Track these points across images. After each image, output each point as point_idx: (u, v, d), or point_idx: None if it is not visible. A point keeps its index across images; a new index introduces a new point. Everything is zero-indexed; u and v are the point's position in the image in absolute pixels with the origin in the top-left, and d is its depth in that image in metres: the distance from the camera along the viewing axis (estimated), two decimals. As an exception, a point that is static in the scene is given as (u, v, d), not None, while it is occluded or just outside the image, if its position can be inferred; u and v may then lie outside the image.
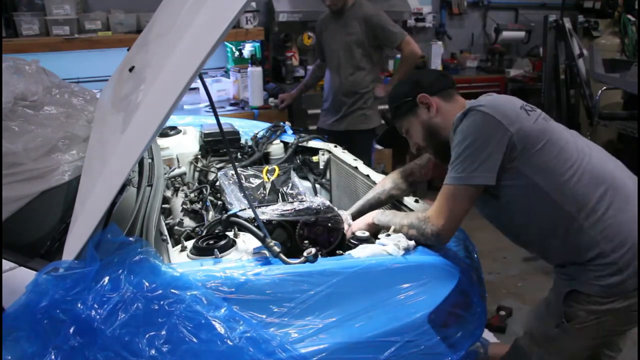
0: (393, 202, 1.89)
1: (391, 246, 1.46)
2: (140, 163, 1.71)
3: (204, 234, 1.60)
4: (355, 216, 1.84)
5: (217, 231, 1.61)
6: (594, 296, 1.47)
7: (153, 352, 1.06)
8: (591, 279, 1.47)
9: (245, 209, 1.62)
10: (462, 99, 1.64)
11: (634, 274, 1.43)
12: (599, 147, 1.60)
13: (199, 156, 2.35)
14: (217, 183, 2.09)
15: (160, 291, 1.14)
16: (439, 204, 1.47)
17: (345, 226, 1.69)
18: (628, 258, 1.43)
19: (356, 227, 1.68)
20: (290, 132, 2.58)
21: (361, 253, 1.44)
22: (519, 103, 1.51)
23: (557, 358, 1.60)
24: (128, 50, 1.95)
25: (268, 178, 2.05)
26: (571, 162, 1.46)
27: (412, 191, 1.89)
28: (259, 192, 1.97)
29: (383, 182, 1.87)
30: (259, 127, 2.60)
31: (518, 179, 1.46)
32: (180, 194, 2.05)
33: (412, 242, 1.48)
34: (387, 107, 1.73)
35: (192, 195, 2.06)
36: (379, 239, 1.55)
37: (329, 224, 1.61)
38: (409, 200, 1.83)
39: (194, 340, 1.09)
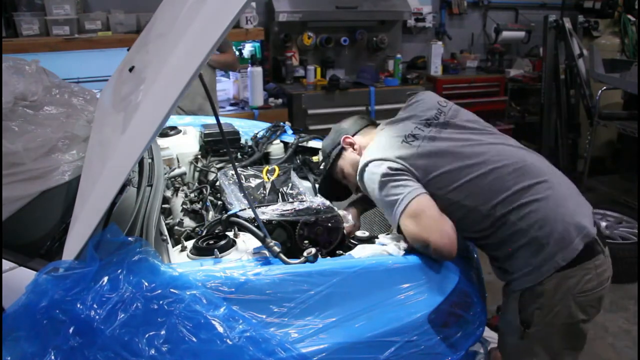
0: None
1: (391, 246, 1.46)
2: (140, 163, 1.71)
3: (204, 234, 1.60)
4: (360, 212, 1.87)
5: (217, 231, 1.61)
6: (534, 286, 1.47)
7: (153, 351, 1.06)
8: (523, 267, 1.48)
9: (245, 209, 1.62)
10: (374, 130, 1.77)
11: (560, 248, 1.43)
12: (496, 134, 1.64)
13: (199, 156, 2.35)
14: (217, 183, 2.09)
15: (159, 291, 1.14)
16: (412, 230, 1.45)
17: (346, 226, 1.69)
18: (546, 232, 1.44)
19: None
20: (290, 132, 2.58)
21: (361, 253, 1.44)
22: (401, 137, 1.59)
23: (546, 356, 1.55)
24: (128, 50, 1.95)
25: (268, 178, 2.05)
26: (470, 164, 1.51)
27: None
28: (259, 192, 1.97)
29: None
30: (259, 127, 2.60)
31: (434, 197, 1.50)
32: (180, 194, 2.05)
33: None
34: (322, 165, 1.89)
35: (192, 195, 2.06)
36: (377, 238, 1.55)
37: (329, 224, 1.61)
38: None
39: (194, 339, 1.09)
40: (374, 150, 1.61)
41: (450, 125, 1.62)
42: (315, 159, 2.41)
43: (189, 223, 1.93)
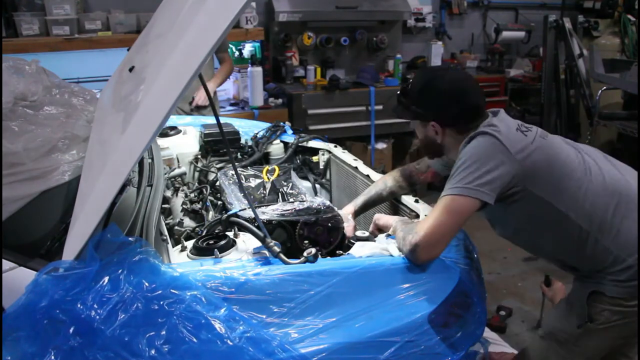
0: (393, 199, 1.89)
1: (392, 246, 1.46)
2: (140, 163, 1.71)
3: (204, 234, 1.60)
4: (360, 211, 1.84)
5: (217, 231, 1.61)
6: (617, 298, 1.46)
7: (153, 352, 1.06)
8: (615, 282, 1.46)
9: (245, 209, 1.62)
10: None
11: None
12: (597, 151, 1.58)
13: (199, 156, 2.35)
14: (217, 183, 2.09)
15: (160, 291, 1.14)
16: (429, 217, 1.41)
17: (345, 225, 1.68)
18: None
19: (383, 220, 1.68)
20: (290, 132, 2.58)
21: (361, 251, 1.43)
22: (515, 125, 1.49)
23: (579, 358, 1.59)
24: (128, 50, 1.95)
25: (268, 178, 2.05)
26: (577, 176, 1.45)
27: (413, 190, 1.89)
28: (259, 192, 1.97)
29: (384, 179, 1.87)
30: (259, 127, 2.60)
31: (528, 199, 1.44)
32: (180, 194, 2.05)
33: None
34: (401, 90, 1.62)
35: (192, 195, 2.06)
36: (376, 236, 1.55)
37: (329, 224, 1.61)
38: (408, 200, 1.83)
39: (194, 340, 1.09)
40: (493, 123, 1.46)
41: (548, 135, 1.53)
42: (315, 159, 2.41)
43: (189, 223, 1.93)
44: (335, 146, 2.37)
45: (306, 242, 1.59)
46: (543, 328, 1.70)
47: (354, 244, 1.57)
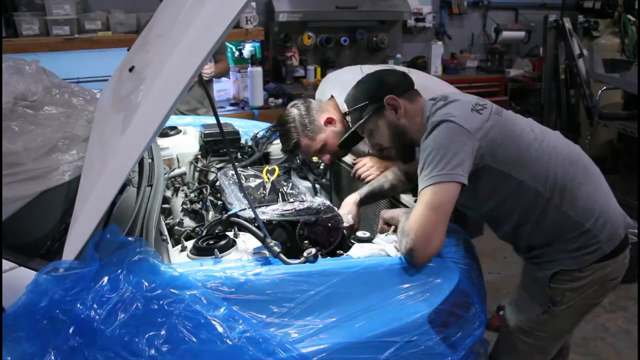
0: (393, 199, 1.89)
1: (390, 247, 1.46)
2: (140, 163, 1.71)
3: (204, 234, 1.60)
4: (365, 201, 1.85)
5: (217, 231, 1.61)
6: (573, 271, 1.52)
7: (153, 351, 1.06)
8: (569, 252, 1.51)
9: (245, 209, 1.62)
10: (421, 98, 1.64)
11: (608, 238, 1.50)
12: (549, 129, 1.65)
13: (199, 156, 2.35)
14: (217, 183, 2.09)
15: (159, 291, 1.13)
16: (414, 215, 1.40)
17: (346, 224, 1.68)
18: (600, 224, 1.50)
19: (389, 214, 1.68)
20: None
21: (359, 252, 1.43)
22: (470, 105, 1.52)
23: (545, 342, 1.63)
24: (128, 50, 1.95)
25: (268, 178, 2.05)
26: (533, 146, 1.51)
27: (412, 187, 1.88)
28: (259, 192, 1.97)
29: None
30: (259, 127, 2.60)
31: (490, 174, 1.48)
32: (180, 194, 2.05)
33: None
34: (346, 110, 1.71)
35: (192, 195, 2.06)
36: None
37: (329, 224, 1.61)
38: (407, 199, 1.83)
39: (194, 339, 1.09)
40: (448, 112, 1.49)
41: (502, 112, 1.59)
42: (315, 159, 2.41)
43: (189, 223, 1.93)
44: (335, 146, 2.37)
45: (306, 242, 1.59)
46: (507, 323, 1.72)
47: (354, 243, 1.57)
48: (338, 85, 2.11)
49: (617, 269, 1.55)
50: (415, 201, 1.80)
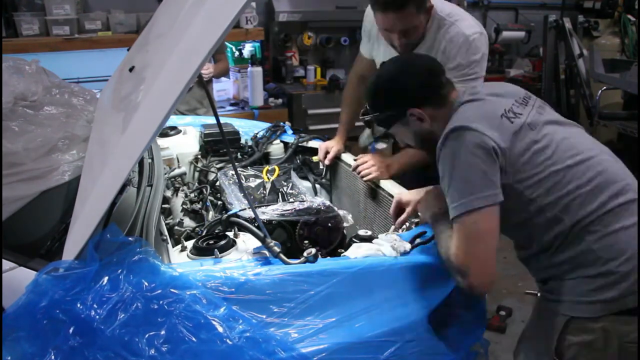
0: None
1: (387, 247, 1.45)
2: (140, 163, 1.71)
3: (204, 234, 1.60)
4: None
5: (217, 231, 1.61)
6: (586, 320, 1.29)
7: (153, 351, 1.06)
8: (583, 295, 1.29)
9: (245, 209, 1.62)
10: (454, 93, 1.44)
11: (634, 290, 1.24)
12: (599, 144, 1.44)
13: (199, 156, 2.35)
14: (217, 183, 2.09)
15: (159, 291, 1.13)
16: (458, 248, 1.27)
17: (346, 224, 1.67)
18: (628, 269, 1.24)
19: (405, 198, 1.58)
20: (290, 132, 2.58)
21: (357, 252, 1.43)
22: (501, 109, 1.34)
23: None
24: (128, 50, 1.95)
25: (268, 178, 2.05)
26: (565, 168, 1.30)
27: None
28: (259, 192, 1.97)
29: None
30: (259, 127, 2.60)
31: (509, 192, 1.30)
32: (180, 194, 2.05)
33: (409, 245, 1.44)
34: (367, 116, 1.53)
35: (192, 195, 2.06)
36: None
37: (329, 224, 1.61)
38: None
39: (194, 339, 1.09)
40: (468, 116, 1.32)
41: (546, 111, 1.39)
42: (315, 159, 2.41)
43: (189, 223, 1.93)
44: (336, 146, 2.37)
45: (306, 242, 1.59)
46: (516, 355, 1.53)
47: (355, 242, 1.57)
48: None
49: None
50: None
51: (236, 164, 2.19)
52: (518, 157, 1.29)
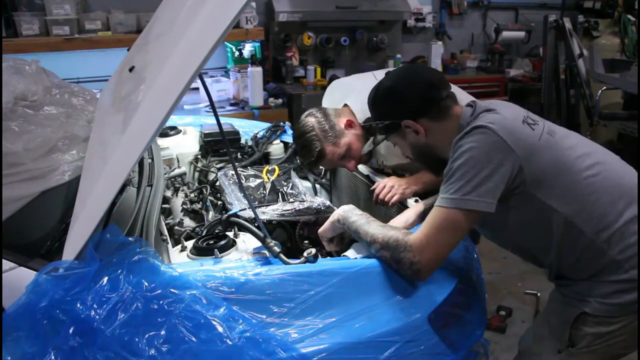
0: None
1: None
2: (140, 163, 1.71)
3: (204, 234, 1.60)
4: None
5: (217, 231, 1.61)
6: (603, 317, 1.32)
7: (153, 351, 1.06)
8: (602, 297, 1.31)
9: (245, 209, 1.62)
10: (457, 108, 1.42)
11: None
12: (610, 153, 1.43)
13: (199, 156, 2.35)
14: (217, 183, 2.09)
15: (159, 291, 1.14)
16: (426, 232, 1.27)
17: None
18: None
19: (321, 230, 1.57)
20: (290, 132, 2.58)
21: (357, 252, 1.42)
22: (521, 116, 1.34)
23: None
24: (128, 50, 1.95)
25: (268, 178, 2.05)
26: (587, 179, 1.30)
27: None
28: (259, 192, 1.97)
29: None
30: (259, 127, 2.60)
31: (529, 203, 1.30)
32: (180, 194, 2.05)
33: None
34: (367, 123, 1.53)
35: (192, 195, 2.06)
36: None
37: (329, 224, 1.61)
38: (409, 201, 1.83)
39: (194, 339, 1.09)
40: (501, 119, 1.28)
41: (555, 132, 1.36)
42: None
43: (189, 223, 1.93)
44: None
45: (306, 242, 1.59)
46: (520, 344, 1.55)
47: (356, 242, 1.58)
48: (352, 91, 2.03)
49: None
50: (415, 201, 1.78)
51: (236, 164, 2.19)
52: (539, 165, 1.28)
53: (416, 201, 1.78)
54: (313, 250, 1.31)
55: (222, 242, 1.42)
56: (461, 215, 1.24)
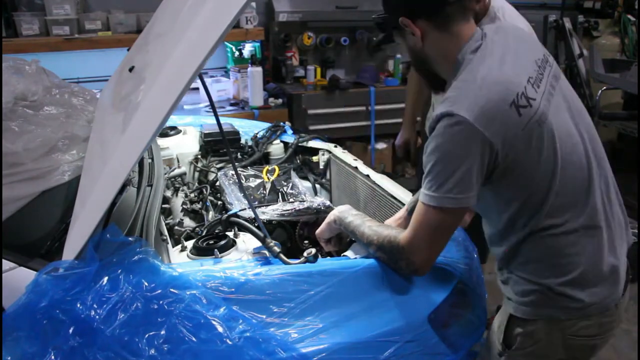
0: (392, 198, 1.87)
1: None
2: (140, 163, 1.71)
3: (204, 234, 1.60)
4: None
5: (217, 231, 1.61)
6: (527, 319, 1.28)
7: (152, 351, 1.06)
8: (519, 296, 1.29)
9: (245, 209, 1.62)
10: (465, 28, 1.24)
11: (593, 300, 1.25)
12: (602, 153, 1.37)
13: (199, 156, 2.35)
14: (217, 183, 2.09)
15: (159, 291, 1.14)
16: (415, 232, 1.23)
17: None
18: (574, 289, 1.23)
19: (318, 231, 1.56)
20: (290, 132, 2.58)
21: (357, 252, 1.42)
22: (512, 94, 1.15)
23: None
24: (128, 50, 1.95)
25: (268, 178, 2.05)
26: (551, 172, 1.20)
27: None
28: (259, 192, 1.97)
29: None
30: (259, 127, 2.60)
31: (492, 190, 1.24)
32: (180, 194, 2.05)
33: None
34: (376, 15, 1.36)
35: (192, 195, 2.06)
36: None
37: (329, 224, 1.61)
38: (407, 199, 1.83)
39: (194, 339, 1.09)
40: (472, 97, 1.14)
41: (548, 118, 1.20)
42: (315, 159, 2.41)
43: (189, 223, 1.93)
44: (335, 146, 2.37)
45: (306, 242, 1.59)
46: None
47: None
48: None
49: (587, 326, 1.26)
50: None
51: (236, 164, 2.19)
52: (518, 152, 1.17)
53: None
54: (313, 250, 1.31)
55: (222, 242, 1.42)
56: (446, 214, 1.19)
